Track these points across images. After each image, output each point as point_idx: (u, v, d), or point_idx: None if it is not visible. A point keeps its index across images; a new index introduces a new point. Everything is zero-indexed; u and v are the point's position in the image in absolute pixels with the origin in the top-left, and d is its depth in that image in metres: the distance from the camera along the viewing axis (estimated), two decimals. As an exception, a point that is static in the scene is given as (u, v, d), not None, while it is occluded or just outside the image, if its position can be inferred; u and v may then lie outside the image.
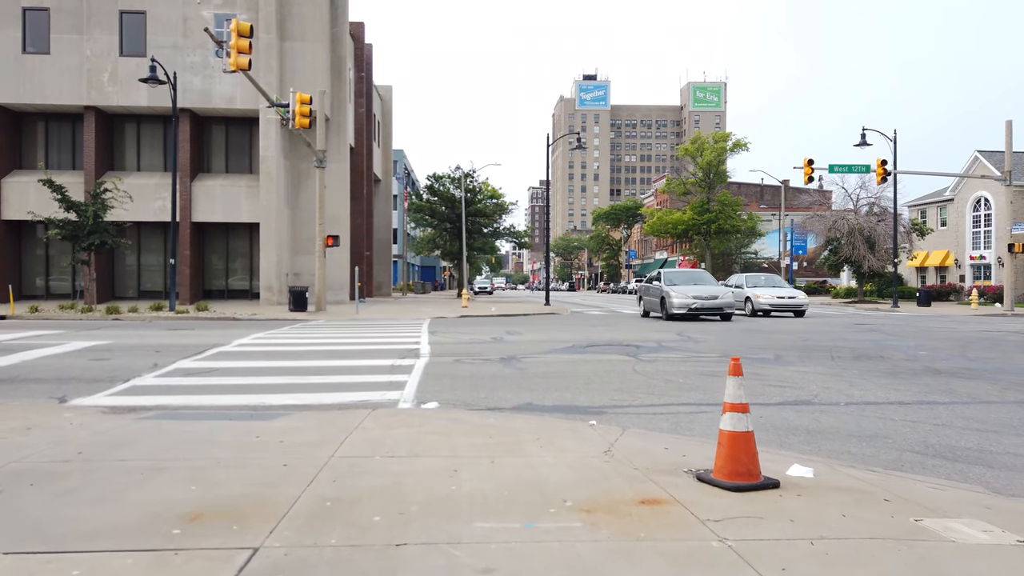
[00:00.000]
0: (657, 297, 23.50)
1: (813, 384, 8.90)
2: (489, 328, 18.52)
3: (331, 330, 17.92)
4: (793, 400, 7.81)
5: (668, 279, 23.69)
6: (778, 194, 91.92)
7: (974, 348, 13.48)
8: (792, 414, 7.05)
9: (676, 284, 23.05)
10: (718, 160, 67.79)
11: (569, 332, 16.96)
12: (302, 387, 8.73)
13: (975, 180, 43.82)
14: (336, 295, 34.83)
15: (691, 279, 24.14)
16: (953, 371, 10.13)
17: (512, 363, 10.90)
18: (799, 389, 8.52)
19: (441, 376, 9.62)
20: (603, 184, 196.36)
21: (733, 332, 17.29)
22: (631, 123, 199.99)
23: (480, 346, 13.57)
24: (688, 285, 22.99)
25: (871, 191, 43.22)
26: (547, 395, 8.19)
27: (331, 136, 35.05)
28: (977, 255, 44.16)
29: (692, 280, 23.96)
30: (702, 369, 10.18)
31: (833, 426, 6.52)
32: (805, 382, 9.06)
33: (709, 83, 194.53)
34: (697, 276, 24.97)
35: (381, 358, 11.48)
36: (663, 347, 13.17)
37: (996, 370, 10.35)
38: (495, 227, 54.15)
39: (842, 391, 8.40)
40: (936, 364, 10.89)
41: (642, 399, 7.91)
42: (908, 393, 8.27)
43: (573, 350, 12.74)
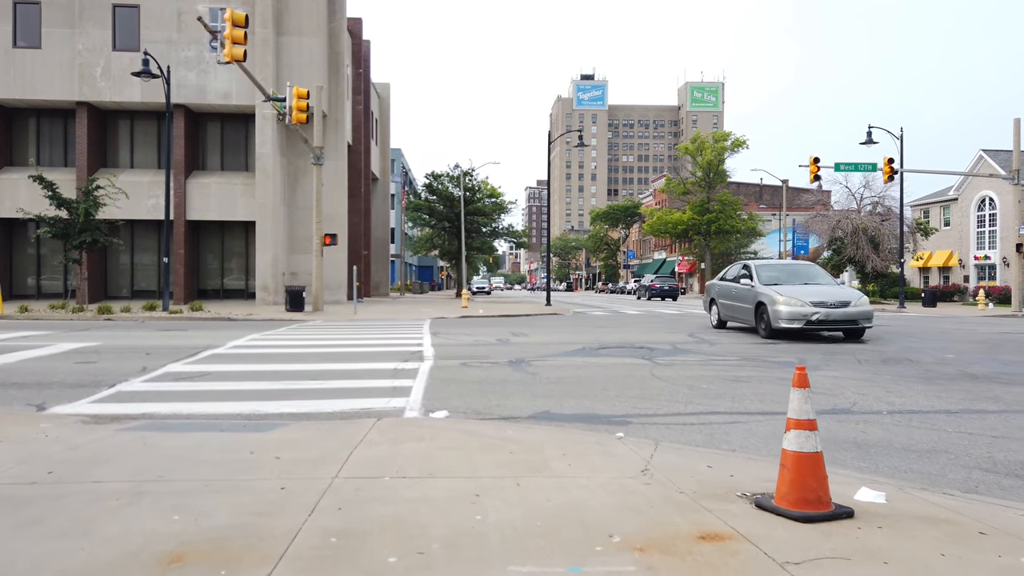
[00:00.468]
0: (748, 302, 15.97)
1: (847, 390, 8.34)
2: (492, 329, 17.94)
3: (329, 331, 17.33)
4: (831, 409, 7.25)
5: (765, 275, 16.20)
6: (777, 194, 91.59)
7: (1003, 351, 12.93)
8: (835, 425, 6.49)
9: (779, 283, 15.58)
10: (718, 159, 67.34)
11: (576, 333, 16.39)
12: (300, 393, 8.14)
13: (980, 180, 43.38)
14: (333, 295, 34.22)
15: (796, 275, 16.53)
16: (991, 376, 9.59)
17: (522, 367, 10.33)
18: (834, 396, 7.96)
19: (448, 381, 9.04)
20: (600, 184, 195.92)
21: (748, 334, 16.73)
22: (628, 123, 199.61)
23: (486, 348, 12.99)
24: (797, 285, 15.54)
25: (875, 190, 42.83)
26: (564, 403, 7.61)
27: (328, 133, 34.45)
28: (982, 255, 43.71)
29: (799, 276, 16.38)
30: (725, 374, 9.61)
31: (883, 439, 5.96)
32: (838, 388, 8.50)
33: (707, 83, 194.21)
34: (804, 271, 17.04)
35: (383, 361, 10.89)
36: (678, 350, 12.59)
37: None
38: (494, 227, 53.58)
39: (880, 398, 7.85)
40: (970, 368, 10.34)
41: (668, 407, 7.34)
42: (952, 400, 7.72)
43: (584, 353, 12.17)
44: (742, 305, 16.46)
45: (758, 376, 9.41)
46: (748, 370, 9.98)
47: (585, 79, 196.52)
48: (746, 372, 9.76)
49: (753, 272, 16.49)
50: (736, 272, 17.68)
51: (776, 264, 17.89)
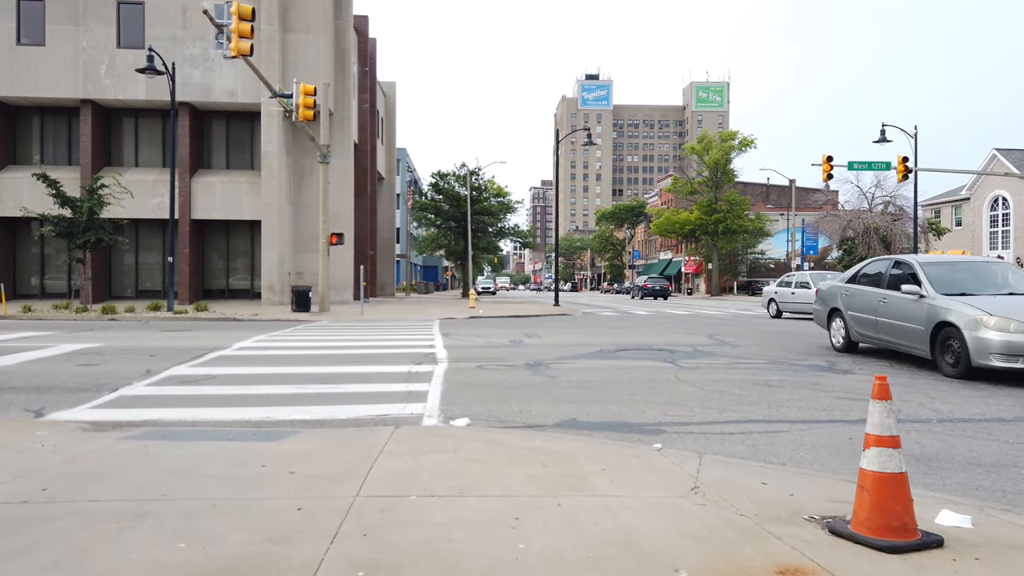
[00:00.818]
0: (916, 321, 10.27)
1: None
2: (504, 330, 17.53)
3: (337, 332, 16.94)
4: (875, 416, 6.82)
5: (941, 278, 10.53)
6: (784, 194, 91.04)
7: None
8: (884, 434, 6.06)
9: (967, 292, 10.17)
10: (725, 159, 66.82)
11: (590, 335, 15.97)
12: (311, 398, 7.75)
13: (992, 179, 42.83)
14: (340, 295, 33.87)
15: (984, 277, 10.97)
16: None
17: (540, 370, 9.92)
18: (858, 400, 7.52)
19: (465, 385, 8.64)
20: (605, 184, 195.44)
21: (769, 334, 16.30)
22: (633, 123, 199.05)
23: (500, 350, 12.58)
24: (991, 294, 10.11)
25: (886, 189, 42.32)
26: (589, 409, 7.21)
27: (335, 131, 34.09)
28: (995, 255, 43.15)
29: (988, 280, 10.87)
30: (754, 378, 9.19)
31: (942, 451, 5.54)
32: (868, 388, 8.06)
33: (712, 83, 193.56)
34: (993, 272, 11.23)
35: (396, 364, 10.50)
36: (700, 352, 12.17)
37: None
38: (501, 226, 53.18)
39: (925, 404, 7.42)
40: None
41: (701, 415, 6.92)
42: (1003, 407, 7.29)
43: (602, 355, 11.75)
44: (902, 324, 10.61)
45: (790, 381, 8.99)
46: (777, 374, 9.56)
47: (590, 79, 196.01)
48: (776, 376, 9.33)
49: (920, 273, 10.61)
50: (883, 270, 11.75)
51: (952, 262, 11.71)
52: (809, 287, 23.60)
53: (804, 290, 24.08)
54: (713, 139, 68.98)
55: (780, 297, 25.72)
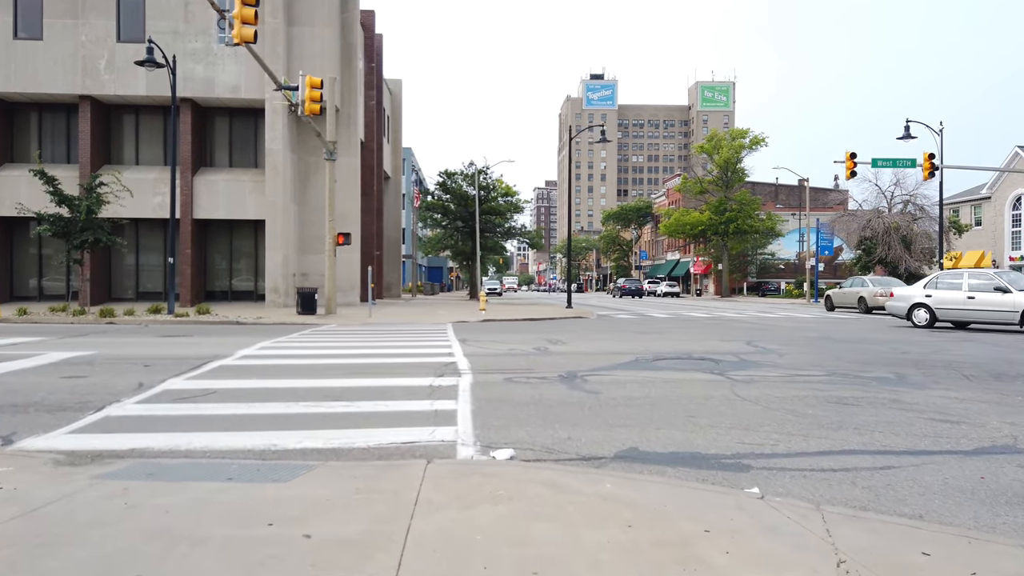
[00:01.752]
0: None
1: (987, 417, 6.88)
2: (523, 336, 16.50)
3: (346, 337, 15.94)
4: (990, 446, 5.79)
5: None
6: (792, 193, 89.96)
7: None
8: (1019, 472, 5.03)
9: None
10: (735, 157, 65.73)
11: (617, 341, 14.93)
12: (324, 419, 6.74)
13: (1015, 178, 41.72)
14: (346, 296, 32.89)
15: None
16: None
17: (577, 383, 8.90)
18: (979, 427, 6.49)
19: (497, 403, 7.62)
20: (610, 184, 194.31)
21: (811, 340, 15.25)
22: (639, 123, 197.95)
23: (526, 359, 11.56)
24: None
25: (905, 188, 41.23)
26: (649, 434, 6.18)
27: (341, 128, 33.14)
28: (1017, 255, 42.04)
29: None
30: (821, 393, 8.16)
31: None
32: (972, 414, 7.04)
33: (717, 83, 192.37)
34: None
35: (414, 375, 9.49)
36: (747, 362, 11.13)
37: None
38: (509, 226, 52.16)
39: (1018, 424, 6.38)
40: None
41: (783, 443, 5.90)
42: None
43: (639, 365, 10.72)
44: None
45: (865, 397, 7.95)
46: (846, 388, 8.52)
47: (595, 79, 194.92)
48: (847, 391, 8.29)
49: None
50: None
51: None
52: (1008, 291, 17.57)
53: (990, 295, 17.93)
54: (723, 138, 67.90)
55: (941, 302, 19.19)
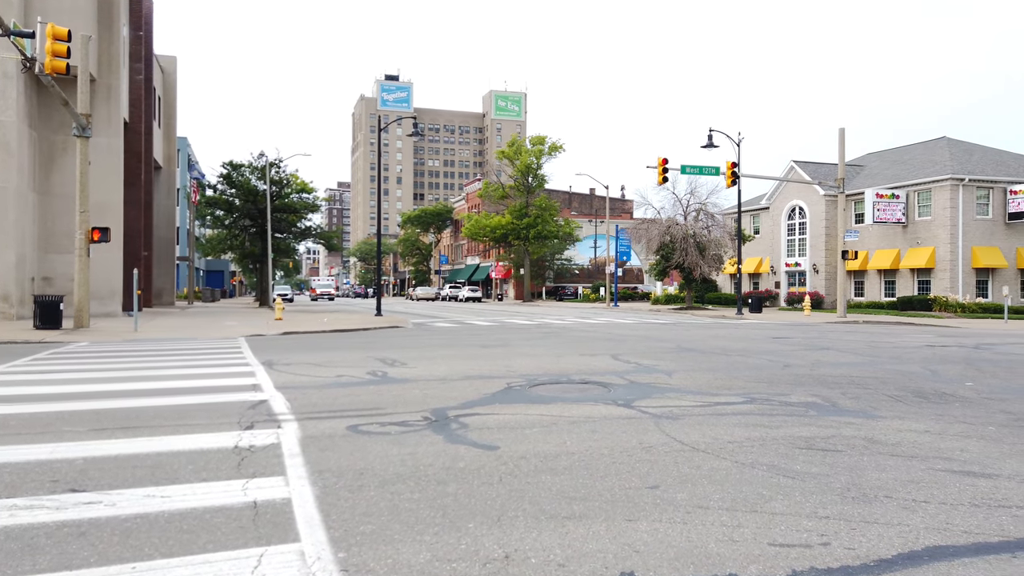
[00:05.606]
0: None
1: (1002, 463, 5.38)
2: (345, 354, 13.49)
3: (100, 361, 11.94)
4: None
5: None
6: (585, 201, 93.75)
7: (1007, 372, 11.07)
8: None
9: None
10: (536, 164, 66.42)
11: (467, 359, 12.46)
12: (44, 545, 3.60)
13: (790, 190, 45.45)
14: (104, 306, 27.23)
15: None
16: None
17: (455, 431, 6.35)
18: (1018, 480, 4.92)
19: (354, 479, 4.86)
20: (406, 188, 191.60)
21: (675, 351, 13.87)
22: (434, 127, 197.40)
23: (364, 391, 8.74)
24: None
25: (699, 197, 43.24)
26: (629, 536, 3.84)
27: (98, 101, 27.45)
28: (792, 262, 45.82)
29: None
30: (774, 432, 6.35)
31: None
32: (980, 459, 5.54)
33: (510, 92, 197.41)
34: None
35: (207, 427, 6.37)
36: (637, 384, 9.20)
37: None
38: (306, 225, 47.70)
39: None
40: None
41: (833, 538, 3.83)
42: None
43: (519, 396, 8.37)
44: None
45: (833, 437, 6.24)
46: (792, 423, 6.80)
47: (390, 79, 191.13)
48: (800, 429, 6.55)
49: None
50: None
51: None
52: None
53: None
54: (523, 144, 68.39)
55: None
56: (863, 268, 41.18)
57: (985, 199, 37.61)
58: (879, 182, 41.22)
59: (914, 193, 38.98)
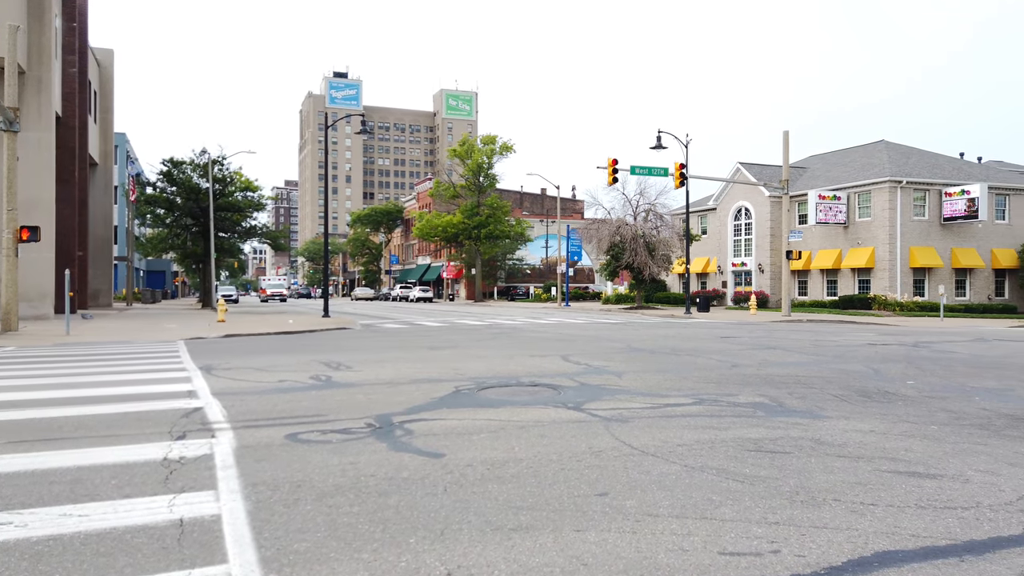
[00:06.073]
0: None
1: (946, 463, 5.43)
2: (289, 358, 13.10)
3: (27, 367, 11.32)
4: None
5: None
6: (536, 201, 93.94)
7: (947, 369, 11.32)
8: None
9: None
10: (488, 163, 66.26)
11: (415, 362, 12.20)
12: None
13: (737, 191, 46.24)
14: (35, 308, 26.06)
15: None
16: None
17: (399, 438, 6.13)
18: (961, 480, 4.96)
19: (290, 492, 4.62)
20: (356, 187, 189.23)
21: (625, 351, 13.85)
22: (384, 126, 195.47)
23: (306, 396, 8.44)
24: None
25: (648, 198, 43.68)
26: (577, 548, 3.70)
27: (28, 94, 26.27)
28: (739, 262, 46.63)
29: None
30: (723, 434, 6.31)
31: None
32: (924, 459, 5.58)
33: (461, 92, 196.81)
34: None
35: (134, 437, 6.03)
36: (588, 386, 9.11)
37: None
38: (252, 224, 46.52)
39: (1009, 476, 4.99)
40: (994, 404, 8.18)
41: (783, 545, 3.76)
42: None
43: (467, 400, 8.18)
44: None
45: (781, 439, 6.23)
46: (741, 425, 6.78)
47: (339, 76, 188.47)
48: (749, 430, 6.53)
49: None
50: None
51: None
52: None
53: None
54: (475, 143, 68.16)
55: None
56: (806, 268, 42.17)
57: (921, 201, 38.89)
58: (822, 184, 42.26)
59: (855, 195, 40.07)
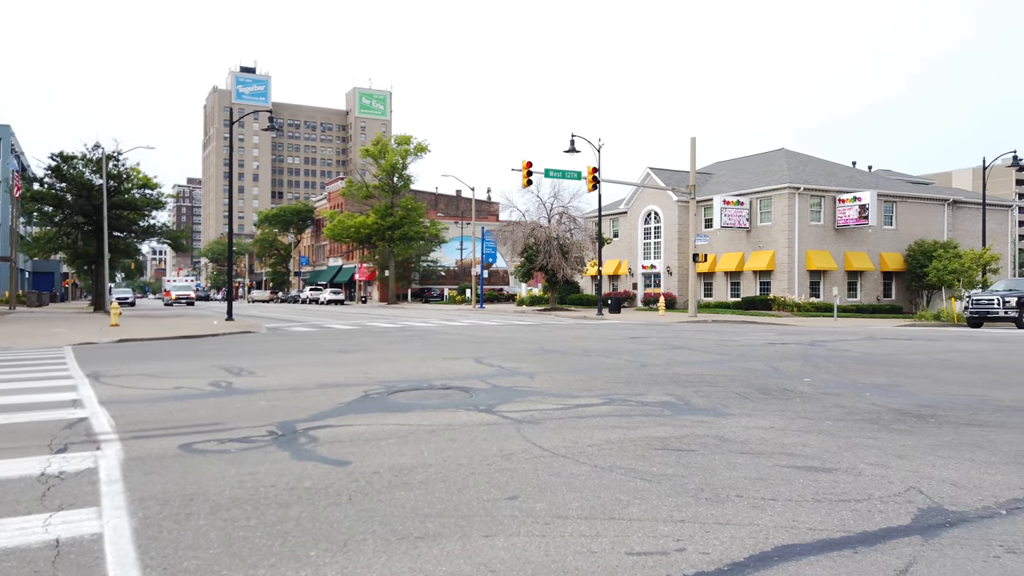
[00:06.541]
0: None
1: (840, 457, 5.66)
2: (187, 363, 12.46)
3: None
4: (921, 511, 4.38)
5: None
6: (451, 203, 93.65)
7: (844, 367, 11.85)
8: (967, 556, 3.56)
9: None
10: (402, 163, 65.57)
11: (323, 366, 11.83)
12: None
13: (647, 195, 47.46)
14: (-98, 312, 23.87)
15: None
16: (925, 409, 7.82)
17: (303, 446, 5.89)
18: (854, 474, 5.18)
19: (181, 506, 4.34)
20: (264, 185, 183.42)
21: (538, 353, 13.88)
22: (294, 123, 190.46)
23: (205, 404, 8.03)
24: None
25: (562, 200, 44.26)
26: (485, 553, 3.62)
27: None
28: (648, 265, 47.88)
29: None
30: (631, 433, 6.38)
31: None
32: (820, 453, 5.79)
33: (375, 90, 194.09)
34: None
35: (10, 454, 5.56)
36: (500, 388, 9.05)
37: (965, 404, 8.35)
38: (151, 223, 44.26)
39: (916, 470, 5.26)
40: (883, 399, 8.60)
41: (689, 543, 3.80)
42: (998, 472, 5.43)
43: (376, 405, 7.97)
44: None
45: (687, 436, 6.35)
46: (649, 424, 6.88)
47: (246, 71, 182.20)
48: (656, 429, 6.63)
49: None
50: None
51: None
52: None
53: None
54: (388, 142, 67.32)
55: None
56: (712, 270, 43.73)
57: (818, 207, 41.02)
58: (726, 189, 43.94)
59: (757, 200, 41.86)
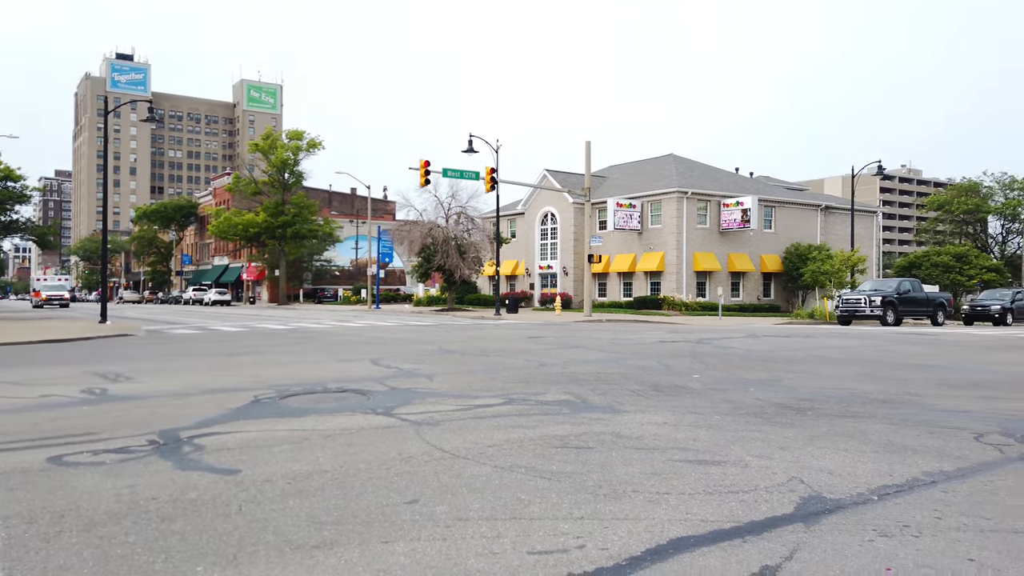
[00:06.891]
0: None
1: (728, 450, 5.90)
2: (54, 370, 11.54)
3: None
4: (802, 500, 4.63)
5: None
6: (346, 201, 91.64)
7: (750, 366, 12.35)
8: (890, 546, 3.82)
9: None
10: (293, 159, 63.53)
11: (209, 370, 11.22)
12: None
13: (544, 197, 48.15)
14: None
15: None
16: (803, 403, 8.27)
17: (187, 456, 5.56)
18: (740, 466, 5.41)
19: (50, 525, 4.00)
20: (142, 179, 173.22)
21: (435, 354, 13.73)
22: (177, 115, 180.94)
23: (77, 412, 7.45)
24: None
25: (460, 200, 44.22)
26: (385, 560, 3.53)
27: None
28: (545, 265, 48.59)
29: None
30: (531, 432, 6.41)
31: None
32: (711, 447, 6.02)
33: (265, 84, 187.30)
34: None
35: None
36: (398, 390, 8.87)
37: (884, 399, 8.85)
38: (12, 219, 40.84)
39: (795, 459, 5.55)
40: (765, 394, 9.02)
41: (588, 539, 3.85)
42: (869, 461, 5.82)
43: (267, 409, 7.64)
44: None
45: (585, 434, 6.44)
46: (548, 423, 6.94)
47: (123, 58, 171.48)
48: (556, 428, 6.69)
49: None
50: None
51: None
52: None
53: None
54: (279, 137, 65.11)
55: None
56: (606, 271, 44.90)
57: (704, 211, 42.92)
58: (619, 192, 45.23)
59: (648, 203, 43.33)
